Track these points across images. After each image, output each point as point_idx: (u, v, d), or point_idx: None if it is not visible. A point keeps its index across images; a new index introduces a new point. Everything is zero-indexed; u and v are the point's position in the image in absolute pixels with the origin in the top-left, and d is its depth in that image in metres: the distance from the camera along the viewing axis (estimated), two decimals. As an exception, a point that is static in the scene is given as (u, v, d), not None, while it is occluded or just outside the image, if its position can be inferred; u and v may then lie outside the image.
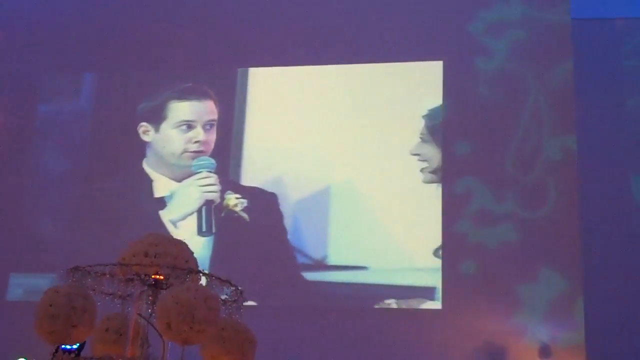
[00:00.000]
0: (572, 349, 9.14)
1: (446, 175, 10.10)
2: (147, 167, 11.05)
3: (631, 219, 10.49)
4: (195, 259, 4.63)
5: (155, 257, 4.51)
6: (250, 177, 10.75)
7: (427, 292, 9.84)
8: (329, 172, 10.51)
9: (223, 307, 4.60)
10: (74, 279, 4.62)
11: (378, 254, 10.11)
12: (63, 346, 4.78)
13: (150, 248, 4.52)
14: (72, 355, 4.74)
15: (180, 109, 11.15)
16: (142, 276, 4.54)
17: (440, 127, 10.28)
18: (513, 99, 10.20)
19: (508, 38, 10.39)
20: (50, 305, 4.50)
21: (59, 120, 11.50)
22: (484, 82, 10.30)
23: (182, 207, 10.80)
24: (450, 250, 9.78)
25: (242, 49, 11.17)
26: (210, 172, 10.85)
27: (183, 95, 11.22)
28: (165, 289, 4.55)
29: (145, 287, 4.58)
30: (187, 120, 11.06)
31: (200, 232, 10.67)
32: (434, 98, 10.37)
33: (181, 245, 4.62)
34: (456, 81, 10.39)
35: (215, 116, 11.05)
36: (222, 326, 4.57)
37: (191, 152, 10.90)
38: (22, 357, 9.61)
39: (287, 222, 10.42)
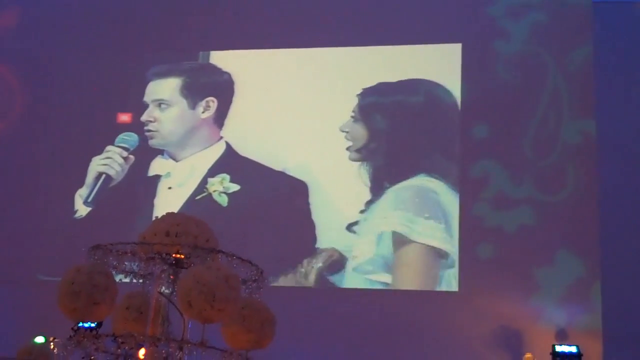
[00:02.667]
0: (589, 332, 9.12)
1: (464, 158, 10.08)
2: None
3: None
4: (215, 239, 4.66)
5: (176, 236, 4.54)
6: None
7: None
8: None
9: (243, 287, 4.62)
10: (96, 257, 4.64)
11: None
12: (81, 324, 4.82)
13: (171, 227, 4.55)
14: (93, 332, 4.76)
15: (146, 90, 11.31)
16: (163, 255, 4.56)
17: (460, 111, 10.25)
18: (532, 82, 10.15)
19: (527, 21, 10.33)
20: (72, 283, 4.53)
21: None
22: (503, 65, 10.26)
23: (87, 180, 11.03)
24: (467, 233, 9.76)
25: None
26: (119, 146, 11.00)
27: (151, 76, 11.35)
28: (187, 268, 4.58)
29: (166, 266, 4.61)
30: (145, 101, 11.19)
31: (84, 202, 10.86)
32: (451, 80, 10.35)
33: (202, 225, 4.64)
34: (475, 64, 10.34)
35: (165, 96, 11.13)
36: (243, 305, 4.59)
37: (146, 131, 11.04)
38: (40, 335, 9.69)
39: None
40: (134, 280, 4.87)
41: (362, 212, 10.09)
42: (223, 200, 10.52)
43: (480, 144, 10.07)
